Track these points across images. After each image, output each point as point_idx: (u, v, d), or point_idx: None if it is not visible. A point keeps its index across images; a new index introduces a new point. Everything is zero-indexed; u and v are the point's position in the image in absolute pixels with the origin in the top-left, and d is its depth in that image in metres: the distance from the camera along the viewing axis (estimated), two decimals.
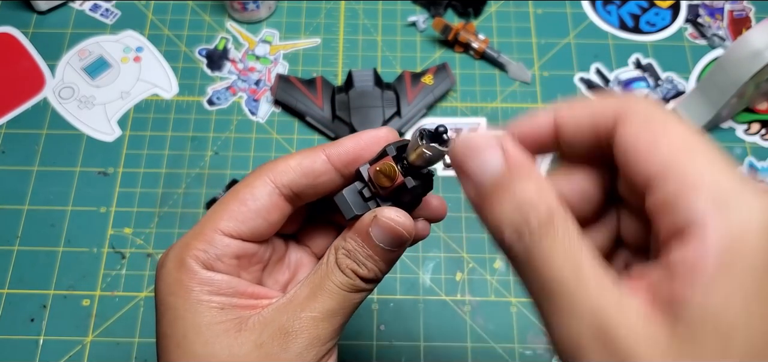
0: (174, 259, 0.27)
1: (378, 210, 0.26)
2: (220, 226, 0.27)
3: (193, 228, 0.28)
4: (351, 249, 0.27)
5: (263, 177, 0.27)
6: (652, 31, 0.66)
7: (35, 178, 0.56)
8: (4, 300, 0.51)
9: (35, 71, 0.62)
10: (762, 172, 0.58)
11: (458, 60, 0.63)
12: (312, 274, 0.28)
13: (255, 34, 0.64)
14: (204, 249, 0.26)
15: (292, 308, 0.26)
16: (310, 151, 0.28)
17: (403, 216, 0.26)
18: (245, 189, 0.27)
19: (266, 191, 0.27)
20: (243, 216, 0.27)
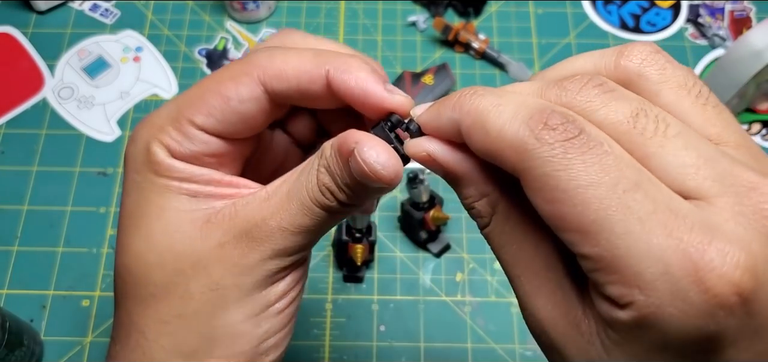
0: (143, 141, 0.24)
1: (360, 141, 0.22)
2: (196, 119, 0.24)
3: (167, 107, 0.24)
4: (332, 169, 0.23)
5: (253, 75, 0.24)
6: (653, 31, 0.66)
7: (34, 178, 0.56)
8: (3, 301, 0.51)
9: (34, 71, 0.62)
10: None
11: (458, 60, 0.63)
12: (292, 175, 0.24)
13: (255, 34, 0.64)
14: (177, 140, 0.24)
15: (263, 209, 0.24)
16: (313, 61, 0.24)
17: (385, 156, 0.22)
18: (230, 85, 0.24)
19: (254, 94, 0.24)
20: (223, 115, 0.24)
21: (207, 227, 0.23)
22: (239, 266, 0.23)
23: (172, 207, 0.24)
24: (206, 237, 0.23)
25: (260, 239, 0.23)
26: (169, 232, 0.23)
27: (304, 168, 0.24)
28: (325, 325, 0.50)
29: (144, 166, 0.24)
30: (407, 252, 0.54)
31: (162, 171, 0.24)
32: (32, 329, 0.48)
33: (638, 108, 0.18)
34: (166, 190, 0.24)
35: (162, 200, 0.24)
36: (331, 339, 0.50)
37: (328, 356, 0.49)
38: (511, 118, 0.18)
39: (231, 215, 0.24)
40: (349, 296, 0.51)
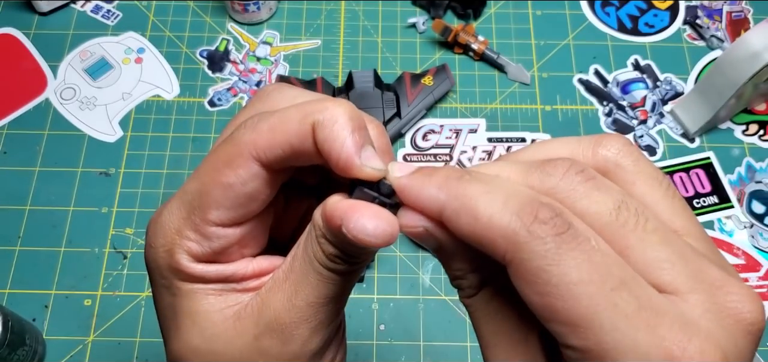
0: (164, 245, 0.24)
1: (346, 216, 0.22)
2: (209, 216, 0.23)
3: (177, 204, 0.24)
4: (328, 237, 0.23)
5: (245, 154, 0.23)
6: (651, 32, 0.66)
7: (37, 178, 0.56)
8: (6, 300, 0.51)
9: (37, 72, 0.62)
10: (760, 172, 0.58)
11: (458, 61, 0.64)
12: (299, 250, 0.24)
13: (256, 36, 0.65)
14: (198, 242, 0.23)
15: (286, 293, 0.23)
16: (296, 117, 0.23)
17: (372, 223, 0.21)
18: (228, 172, 0.23)
19: (253, 173, 0.23)
20: (231, 203, 0.23)
21: (239, 324, 0.24)
22: (283, 355, 0.23)
23: (203, 311, 0.24)
24: (241, 334, 0.24)
25: (293, 325, 0.23)
26: (205, 337, 0.24)
27: (306, 238, 0.24)
28: None
29: (169, 272, 0.24)
30: (407, 251, 0.54)
31: (187, 278, 0.24)
32: (34, 328, 0.48)
33: (620, 200, 0.19)
34: (194, 294, 0.24)
35: (192, 304, 0.24)
36: None
37: None
38: (502, 207, 0.19)
39: (259, 306, 0.24)
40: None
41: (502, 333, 0.21)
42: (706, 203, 0.57)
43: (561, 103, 0.62)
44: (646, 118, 0.61)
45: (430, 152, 0.59)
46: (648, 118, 0.61)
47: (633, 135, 0.60)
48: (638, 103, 0.62)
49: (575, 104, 0.62)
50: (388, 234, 0.21)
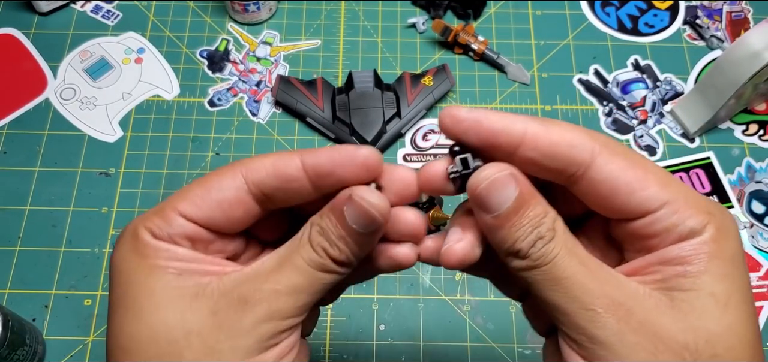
0: (129, 230, 0.26)
1: (353, 188, 0.25)
2: (178, 206, 0.26)
3: (157, 205, 0.27)
4: (324, 227, 0.25)
5: (235, 169, 0.26)
6: (651, 32, 0.66)
7: (37, 178, 0.56)
8: (6, 300, 0.51)
9: (37, 72, 0.62)
10: (759, 172, 0.58)
11: (458, 61, 0.64)
12: (282, 247, 0.26)
13: (256, 36, 0.65)
14: (158, 225, 0.25)
15: (254, 277, 0.25)
16: (287, 153, 0.26)
17: (377, 197, 0.25)
18: (214, 178, 0.26)
19: (234, 184, 0.26)
20: (202, 202, 0.26)
21: (197, 300, 0.24)
22: (234, 329, 0.24)
23: (160, 286, 0.24)
24: (198, 309, 0.24)
25: (254, 302, 0.24)
26: (160, 308, 0.24)
27: (292, 240, 0.26)
28: (326, 324, 0.51)
29: (130, 251, 0.25)
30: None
31: (148, 251, 0.25)
32: (35, 328, 0.48)
33: None
34: (154, 270, 0.24)
35: (150, 281, 0.24)
36: (331, 338, 0.50)
37: (329, 355, 0.50)
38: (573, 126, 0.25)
39: (220, 288, 0.25)
40: (349, 295, 0.52)
41: (584, 257, 0.24)
42: None
43: (561, 103, 0.62)
44: (646, 118, 0.61)
45: (430, 152, 0.59)
46: (648, 118, 0.61)
47: (633, 135, 0.60)
48: (638, 103, 0.62)
49: (575, 104, 0.62)
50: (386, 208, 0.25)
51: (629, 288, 0.23)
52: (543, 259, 0.24)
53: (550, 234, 0.24)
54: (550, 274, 0.24)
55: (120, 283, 0.25)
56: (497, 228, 0.25)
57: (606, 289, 0.23)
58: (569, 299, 0.23)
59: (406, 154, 0.59)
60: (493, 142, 0.25)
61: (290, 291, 0.25)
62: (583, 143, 0.24)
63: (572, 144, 0.24)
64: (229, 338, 0.24)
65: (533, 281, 0.24)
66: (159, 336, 0.24)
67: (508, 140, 0.24)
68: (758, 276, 0.54)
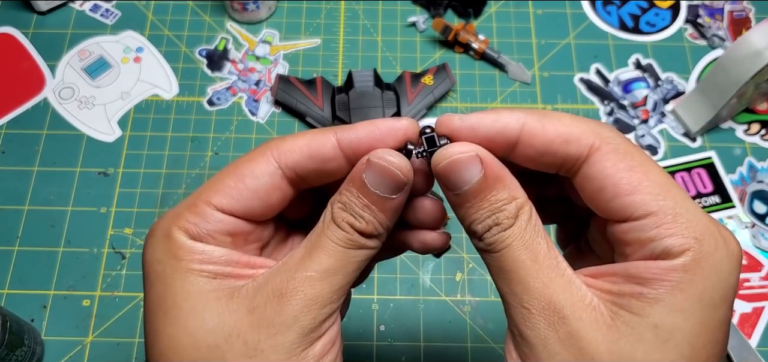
0: (162, 229, 0.25)
1: (372, 154, 0.25)
2: (212, 200, 0.25)
3: (186, 198, 0.26)
4: (346, 201, 0.25)
5: (267, 154, 0.25)
6: (652, 31, 0.66)
7: (35, 178, 0.56)
8: (4, 301, 0.51)
9: (35, 71, 0.62)
10: (761, 172, 0.58)
11: (458, 60, 0.64)
12: (309, 235, 0.26)
13: (255, 35, 0.65)
14: (195, 222, 0.25)
15: (286, 269, 0.24)
16: (321, 132, 0.26)
17: (398, 157, 0.24)
18: (246, 165, 0.25)
19: (268, 170, 0.25)
20: (238, 193, 0.25)
21: (233, 302, 0.24)
22: (274, 325, 0.23)
23: (196, 290, 0.24)
24: (235, 310, 0.24)
25: (290, 292, 0.24)
26: (197, 312, 0.24)
27: (317, 226, 0.26)
28: None
29: (165, 254, 0.25)
30: (407, 251, 0.54)
31: (183, 254, 0.24)
32: (33, 329, 0.48)
33: None
34: (189, 274, 0.24)
35: (186, 284, 0.24)
36: None
37: None
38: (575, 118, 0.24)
39: (255, 286, 0.24)
40: None
41: (539, 254, 0.23)
42: (707, 203, 0.57)
43: (562, 102, 0.62)
44: (648, 117, 0.61)
45: None
46: (649, 118, 0.61)
47: (634, 134, 0.60)
48: (639, 102, 0.62)
49: (576, 103, 0.61)
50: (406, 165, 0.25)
51: (576, 294, 0.22)
52: (494, 246, 0.24)
53: (507, 222, 0.23)
54: (499, 262, 0.24)
55: (156, 287, 0.25)
56: (457, 205, 0.25)
57: (548, 291, 0.22)
58: (511, 292, 0.23)
59: None
60: (490, 147, 0.24)
61: (323, 275, 0.24)
62: (580, 138, 0.23)
63: (568, 139, 0.23)
64: (270, 336, 0.23)
65: (486, 263, 0.25)
66: (199, 341, 0.23)
67: (505, 142, 0.24)
68: (760, 277, 0.53)
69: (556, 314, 0.22)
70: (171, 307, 0.24)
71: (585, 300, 0.22)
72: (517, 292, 0.23)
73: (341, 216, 0.25)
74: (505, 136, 0.24)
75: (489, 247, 0.24)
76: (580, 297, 0.22)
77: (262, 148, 0.26)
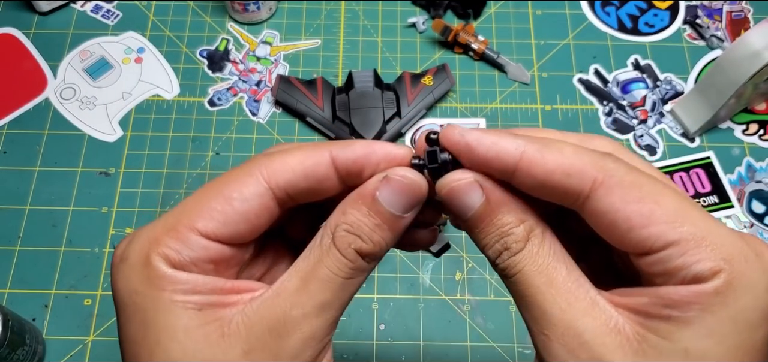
0: (139, 255, 0.23)
1: (390, 170, 0.23)
2: (197, 225, 0.23)
3: (165, 216, 0.23)
4: (354, 222, 0.23)
5: (256, 174, 0.24)
6: (651, 32, 0.66)
7: (37, 178, 0.56)
8: (6, 300, 0.51)
9: (37, 72, 0.62)
10: (760, 172, 0.58)
11: (458, 61, 0.64)
12: (301, 261, 0.24)
13: (256, 35, 0.65)
14: (176, 249, 0.22)
15: (280, 304, 0.23)
16: (314, 149, 0.24)
17: (416, 174, 0.24)
18: (233, 185, 0.23)
19: (258, 191, 0.23)
20: (226, 217, 0.23)
21: (224, 341, 0.22)
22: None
23: (183, 326, 0.22)
24: (227, 351, 0.22)
25: (285, 333, 0.22)
26: (188, 353, 0.22)
27: (310, 250, 0.24)
28: None
29: (143, 284, 0.22)
30: (407, 251, 0.54)
31: (164, 285, 0.22)
32: (34, 328, 0.48)
33: None
34: (173, 306, 0.22)
35: (171, 319, 0.22)
36: None
37: None
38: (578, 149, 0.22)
39: (246, 324, 0.22)
40: None
41: (557, 278, 0.22)
42: (706, 203, 0.57)
43: (561, 102, 0.62)
44: (646, 117, 0.61)
45: None
46: (648, 118, 0.61)
47: (633, 134, 0.60)
48: (638, 102, 0.62)
49: (575, 104, 0.62)
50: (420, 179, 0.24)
51: (600, 318, 0.21)
52: (508, 271, 0.23)
53: (517, 246, 0.23)
54: (516, 288, 0.23)
55: (134, 321, 0.23)
56: (469, 231, 0.24)
57: (567, 316, 0.22)
58: (531, 318, 0.23)
59: None
60: (486, 169, 0.23)
61: (320, 311, 0.23)
62: (582, 171, 0.22)
63: (568, 172, 0.22)
64: None
65: (509, 291, 0.24)
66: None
67: (502, 167, 0.23)
68: None
69: (576, 340, 0.21)
70: (155, 347, 0.22)
71: (609, 323, 0.21)
72: (536, 318, 0.22)
73: (347, 240, 0.23)
74: (502, 161, 0.23)
75: (503, 272, 0.24)
76: (604, 321, 0.21)
77: (249, 167, 0.24)
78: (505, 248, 0.23)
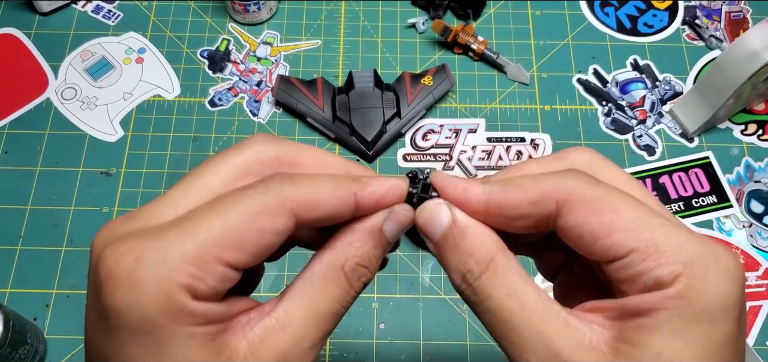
0: (157, 282, 0.21)
1: (395, 209, 0.25)
2: (226, 257, 0.22)
3: (182, 238, 0.22)
4: (364, 256, 0.24)
5: (288, 208, 0.23)
6: (650, 32, 0.66)
7: (38, 177, 0.57)
8: (7, 300, 0.51)
9: (38, 72, 0.62)
10: (758, 171, 0.59)
11: (457, 61, 0.64)
12: (306, 290, 0.24)
13: (256, 36, 0.65)
14: (201, 279, 0.21)
15: (290, 335, 0.23)
16: (338, 184, 0.24)
17: (409, 209, 0.26)
18: (265, 218, 0.22)
19: (288, 226, 0.23)
20: (257, 250, 0.22)
21: None
22: None
23: (199, 360, 0.21)
24: None
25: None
26: None
27: (314, 281, 0.24)
28: None
29: (163, 315, 0.21)
30: (407, 251, 0.54)
31: (185, 318, 0.21)
32: (36, 327, 0.48)
33: None
34: (191, 340, 0.21)
35: (188, 352, 0.21)
36: (331, 337, 0.50)
37: (329, 353, 0.50)
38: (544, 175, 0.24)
39: (254, 353, 0.22)
40: None
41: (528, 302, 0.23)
42: (704, 202, 0.57)
43: (560, 102, 0.62)
44: (645, 117, 0.61)
45: (430, 152, 0.59)
46: (647, 118, 0.61)
47: (632, 135, 0.60)
48: (637, 102, 0.62)
49: (574, 104, 0.62)
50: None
51: (575, 336, 0.22)
52: (473, 296, 0.24)
53: (478, 269, 0.24)
54: (488, 316, 0.24)
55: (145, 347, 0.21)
56: (439, 256, 0.25)
57: (544, 338, 0.22)
58: (510, 344, 0.23)
59: (406, 154, 0.59)
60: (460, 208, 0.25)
61: (324, 339, 0.24)
62: (544, 198, 0.23)
63: (533, 201, 0.23)
64: None
65: (483, 322, 0.25)
66: None
67: (472, 211, 0.25)
68: (757, 275, 0.54)
69: (556, 360, 0.22)
70: None
71: (584, 340, 0.22)
72: (515, 343, 0.23)
73: (358, 274, 0.24)
74: (471, 206, 0.24)
75: (469, 298, 0.24)
76: (579, 339, 0.22)
77: (278, 198, 0.23)
78: (468, 270, 0.24)
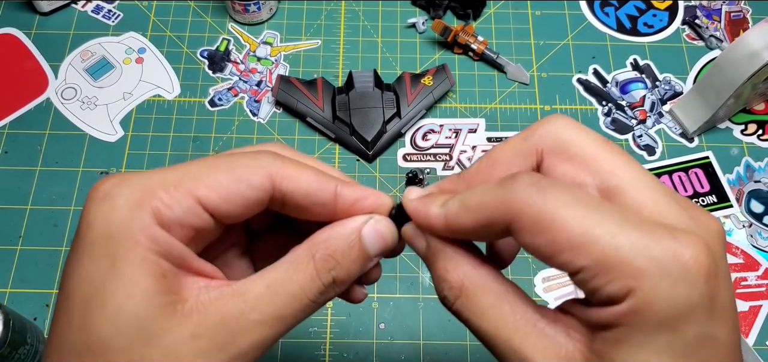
0: (128, 199, 0.22)
1: (375, 217, 0.26)
2: (199, 193, 0.23)
3: (163, 171, 0.23)
4: (337, 250, 0.24)
5: (269, 170, 0.24)
6: (650, 32, 0.66)
7: (38, 177, 0.57)
8: (7, 299, 0.51)
9: (38, 72, 0.62)
10: (758, 171, 0.59)
11: (457, 61, 0.64)
12: (271, 271, 0.24)
13: (256, 36, 0.65)
14: (168, 205, 0.22)
15: (239, 303, 0.23)
16: (322, 176, 0.25)
17: (393, 227, 0.26)
18: (244, 170, 0.24)
19: (263, 186, 0.24)
20: (229, 195, 0.23)
21: (175, 318, 0.22)
22: (215, 359, 0.22)
23: (144, 287, 0.21)
24: (176, 328, 0.22)
25: (240, 332, 0.23)
26: (138, 317, 0.21)
27: (283, 263, 0.24)
28: (326, 323, 0.51)
29: (123, 229, 0.22)
30: (407, 250, 0.54)
31: (142, 239, 0.22)
32: (36, 327, 0.48)
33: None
34: (142, 264, 0.22)
35: (136, 275, 0.21)
36: (331, 337, 0.50)
37: (329, 354, 0.50)
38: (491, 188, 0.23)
39: (200, 310, 0.22)
40: None
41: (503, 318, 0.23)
42: (704, 202, 0.57)
43: (560, 102, 0.62)
44: (645, 117, 0.61)
45: (430, 152, 0.59)
46: (647, 118, 0.61)
47: (632, 134, 0.61)
48: (637, 102, 0.62)
49: (574, 104, 0.62)
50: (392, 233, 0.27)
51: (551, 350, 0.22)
52: (457, 317, 0.25)
53: (452, 295, 0.24)
54: (473, 331, 0.24)
55: (99, 262, 0.22)
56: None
57: (521, 356, 0.23)
58: (493, 355, 0.24)
59: (405, 154, 0.59)
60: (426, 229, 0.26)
61: (276, 322, 0.23)
62: (492, 218, 0.22)
63: (483, 224, 0.23)
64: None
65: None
66: (133, 348, 0.21)
67: (438, 231, 0.25)
68: (757, 275, 0.54)
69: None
70: (111, 297, 0.21)
71: (561, 352, 0.22)
72: (498, 357, 0.23)
73: (327, 265, 0.24)
74: (436, 230, 0.25)
75: (456, 314, 0.25)
76: (556, 351, 0.22)
77: (262, 159, 0.24)
78: (444, 296, 0.25)
